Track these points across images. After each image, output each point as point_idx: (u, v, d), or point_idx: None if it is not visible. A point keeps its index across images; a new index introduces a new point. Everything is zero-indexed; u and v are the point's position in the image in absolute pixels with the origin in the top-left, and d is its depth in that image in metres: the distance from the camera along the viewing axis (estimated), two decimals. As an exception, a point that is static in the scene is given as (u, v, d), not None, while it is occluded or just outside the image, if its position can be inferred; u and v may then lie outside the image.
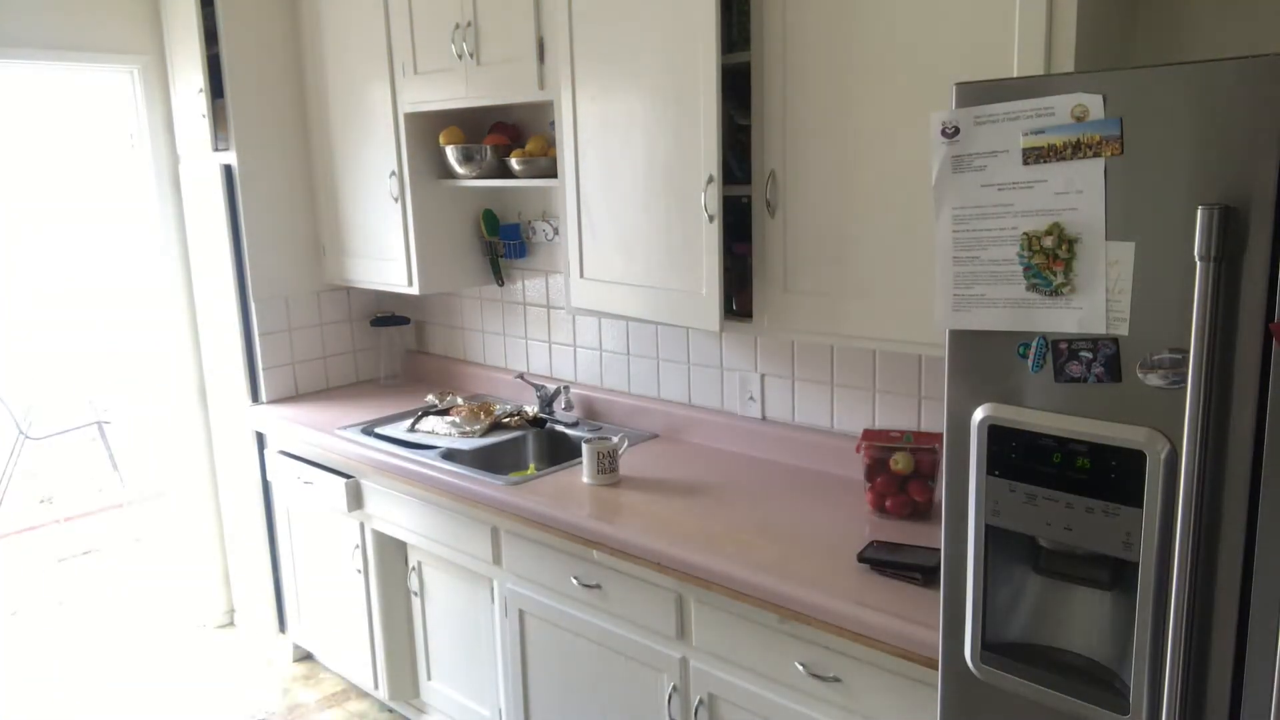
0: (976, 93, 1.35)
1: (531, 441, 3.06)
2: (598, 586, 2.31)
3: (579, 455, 2.57)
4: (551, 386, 3.18)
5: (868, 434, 2.25)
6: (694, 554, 2.06)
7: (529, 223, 3.22)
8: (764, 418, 2.68)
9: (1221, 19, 1.80)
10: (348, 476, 3.02)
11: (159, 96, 3.52)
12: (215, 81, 3.26)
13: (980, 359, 1.41)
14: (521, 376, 3.29)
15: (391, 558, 3.05)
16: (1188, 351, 1.20)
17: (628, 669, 2.31)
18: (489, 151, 2.94)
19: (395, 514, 2.91)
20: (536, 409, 3.14)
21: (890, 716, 1.80)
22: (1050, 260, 1.31)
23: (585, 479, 2.53)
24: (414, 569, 2.98)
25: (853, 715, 1.86)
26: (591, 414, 3.13)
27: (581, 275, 2.54)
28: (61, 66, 3.35)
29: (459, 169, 2.99)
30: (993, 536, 1.44)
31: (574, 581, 2.36)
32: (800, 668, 1.92)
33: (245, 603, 3.83)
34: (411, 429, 3.08)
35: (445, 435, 3.00)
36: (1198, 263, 1.16)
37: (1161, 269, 1.22)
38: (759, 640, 1.99)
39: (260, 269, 3.39)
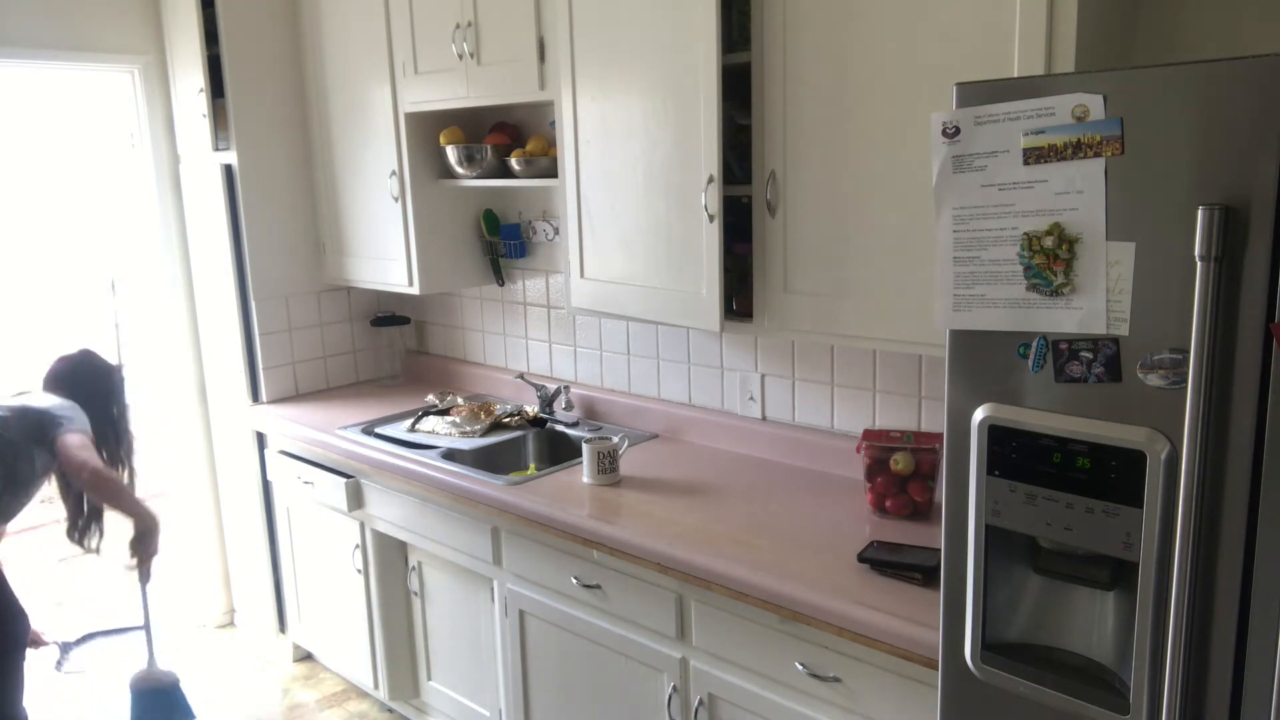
0: (977, 93, 1.35)
1: (532, 441, 3.06)
2: (598, 587, 2.31)
3: (579, 455, 2.57)
4: (552, 386, 3.18)
5: (868, 434, 2.25)
6: (694, 554, 2.06)
7: (529, 222, 3.22)
8: (764, 418, 2.68)
9: (1221, 19, 1.80)
10: (348, 476, 3.02)
11: (159, 96, 3.52)
12: (215, 81, 3.26)
13: (980, 359, 1.41)
14: (522, 376, 3.29)
15: (391, 558, 3.05)
16: (1188, 351, 1.20)
17: (628, 669, 2.31)
18: (489, 151, 2.94)
19: (395, 514, 2.91)
20: (537, 409, 3.14)
21: (890, 716, 1.80)
22: (1050, 260, 1.31)
23: (585, 479, 2.53)
24: (414, 569, 2.98)
25: (853, 715, 1.87)
26: (592, 414, 3.13)
27: (582, 275, 2.54)
28: (62, 66, 3.34)
29: (459, 169, 2.99)
30: (993, 536, 1.44)
31: (574, 581, 2.36)
32: (800, 668, 1.92)
33: (245, 603, 3.83)
34: (411, 429, 3.08)
35: (445, 435, 3.00)
36: (1198, 263, 1.16)
37: (1161, 269, 1.22)
38: (759, 640, 1.99)
39: (260, 269, 3.39)
